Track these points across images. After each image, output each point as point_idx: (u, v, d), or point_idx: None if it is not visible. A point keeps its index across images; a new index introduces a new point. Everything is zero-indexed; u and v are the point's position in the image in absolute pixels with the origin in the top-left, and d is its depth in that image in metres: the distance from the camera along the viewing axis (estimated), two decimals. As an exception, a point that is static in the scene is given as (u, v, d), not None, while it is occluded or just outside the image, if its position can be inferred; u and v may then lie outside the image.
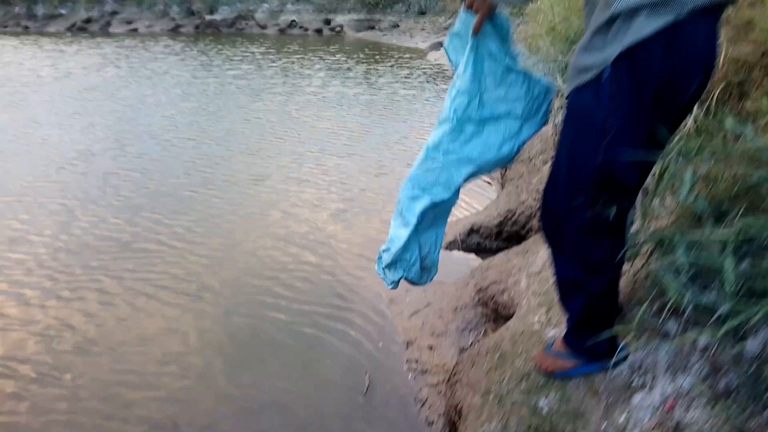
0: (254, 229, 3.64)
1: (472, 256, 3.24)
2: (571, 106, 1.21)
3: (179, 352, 2.32)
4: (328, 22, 16.75)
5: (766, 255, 1.09)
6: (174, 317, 2.57)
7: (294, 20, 16.89)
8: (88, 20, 17.96)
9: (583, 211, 1.22)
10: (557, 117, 2.88)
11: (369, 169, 4.85)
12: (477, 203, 3.81)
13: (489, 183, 4.25)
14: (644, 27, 1.05)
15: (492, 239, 3.26)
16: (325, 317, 2.56)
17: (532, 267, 2.19)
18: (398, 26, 15.48)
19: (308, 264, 3.11)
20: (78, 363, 2.25)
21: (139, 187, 4.29)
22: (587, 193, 1.20)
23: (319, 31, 16.59)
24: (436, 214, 1.54)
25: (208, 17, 17.62)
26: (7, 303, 2.68)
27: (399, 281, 1.61)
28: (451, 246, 3.26)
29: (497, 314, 2.21)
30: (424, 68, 10.08)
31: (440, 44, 12.52)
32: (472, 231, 3.31)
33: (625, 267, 1.54)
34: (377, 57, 11.71)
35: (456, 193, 1.50)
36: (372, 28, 15.97)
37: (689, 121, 1.76)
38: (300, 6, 17.21)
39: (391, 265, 1.60)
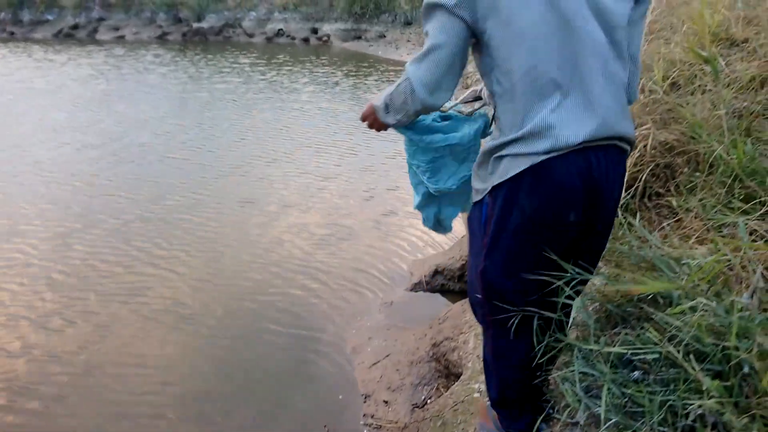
0: (240, 256, 3.84)
1: (438, 296, 3.40)
2: (469, 216, 1.45)
3: (147, 381, 2.46)
4: (315, 31, 16.85)
5: (652, 369, 1.25)
6: (147, 342, 2.71)
7: (281, 29, 16.98)
8: (75, 26, 17.93)
9: (479, 307, 1.44)
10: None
11: (355, 192, 5.04)
12: (445, 240, 3.96)
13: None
14: (508, 169, 1.24)
15: (455, 281, 3.42)
16: (290, 364, 2.71)
17: (479, 326, 2.34)
18: (385, 36, 15.62)
19: (284, 300, 3.30)
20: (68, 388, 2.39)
21: (129, 211, 4.50)
22: (480, 293, 1.39)
23: (306, 41, 16.70)
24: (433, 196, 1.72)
25: (195, 25, 17.66)
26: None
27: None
28: (416, 287, 3.41)
29: (449, 371, 2.36)
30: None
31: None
32: (437, 272, 3.46)
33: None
34: (364, 70, 11.83)
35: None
36: (359, 38, 16.09)
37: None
38: (287, 15, 17.30)
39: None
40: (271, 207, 4.67)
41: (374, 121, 1.49)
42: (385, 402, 2.35)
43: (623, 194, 2.02)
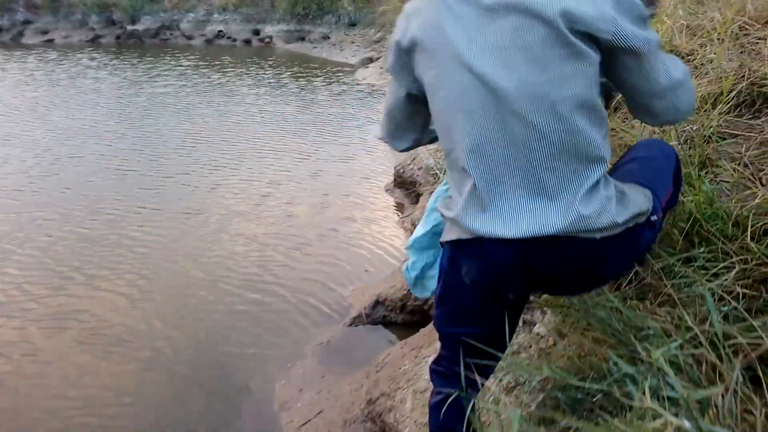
0: (181, 273, 3.58)
1: (380, 329, 3.13)
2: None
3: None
4: (257, 32, 16.30)
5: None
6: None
7: (221, 30, 16.35)
8: (-3, 30, 16.74)
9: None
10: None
11: (306, 200, 4.81)
12: (386, 266, 3.69)
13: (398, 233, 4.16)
14: (448, 232, 1.21)
15: (397, 312, 3.15)
16: (210, 425, 2.37)
17: (419, 381, 2.08)
18: (329, 38, 15.24)
19: (212, 346, 2.92)
20: None
21: (62, 228, 4.17)
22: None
23: (247, 42, 16.13)
24: None
25: (129, 27, 16.80)
26: None
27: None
28: (356, 321, 3.13)
29: (385, 434, 2.09)
30: (354, 86, 9.95)
31: (370, 59, 12.41)
32: (377, 303, 3.19)
33: None
34: (309, 72, 11.48)
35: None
36: (302, 39, 15.66)
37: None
38: (227, 16, 16.67)
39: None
40: (215, 217, 4.40)
41: None
42: (315, 473, 2.07)
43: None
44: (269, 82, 10.25)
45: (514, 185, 1.06)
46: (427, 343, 2.41)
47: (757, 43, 2.13)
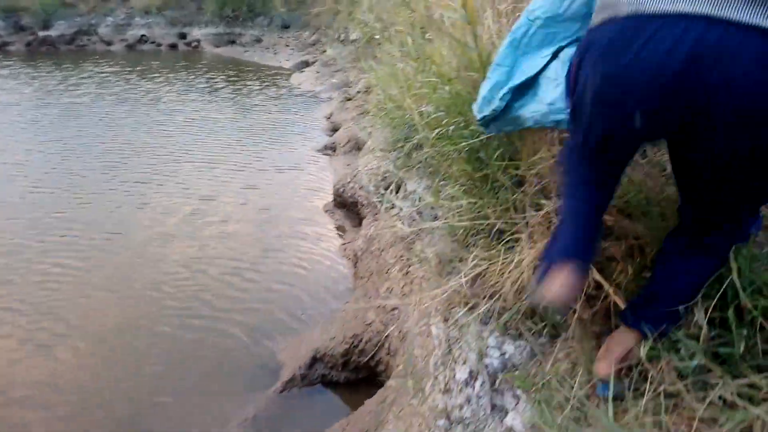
0: (96, 313, 3.12)
1: (317, 391, 2.65)
2: None
3: None
4: (183, 36, 15.35)
5: None
6: None
7: (144, 35, 15.29)
8: None
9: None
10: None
11: (244, 217, 4.42)
12: (324, 308, 3.21)
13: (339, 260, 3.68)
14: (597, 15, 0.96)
15: (339, 370, 2.69)
16: None
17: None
18: (261, 41, 14.55)
19: (124, 414, 2.36)
20: None
21: None
22: None
23: (173, 47, 15.16)
24: None
25: (41, 33, 15.45)
26: None
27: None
28: (289, 385, 2.63)
29: None
30: (291, 92, 9.40)
31: (305, 63, 11.83)
32: (315, 360, 2.71)
33: None
34: (241, 77, 10.82)
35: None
36: (233, 42, 14.88)
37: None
38: (150, 19, 15.61)
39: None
40: (138, 242, 3.94)
41: None
42: None
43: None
44: (199, 89, 9.60)
45: None
46: (374, 425, 1.96)
47: None
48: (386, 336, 2.48)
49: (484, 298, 1.51)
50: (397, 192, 2.81)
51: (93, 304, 3.20)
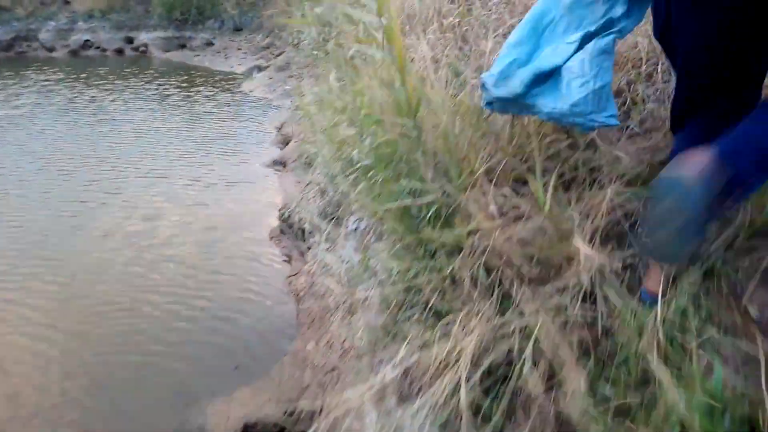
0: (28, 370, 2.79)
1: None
2: None
3: None
4: (130, 41, 14.77)
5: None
6: None
7: (88, 40, 14.64)
8: None
9: None
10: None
11: (190, 238, 4.22)
12: (264, 356, 2.95)
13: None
14: None
15: (276, 439, 2.50)
16: None
17: None
18: (212, 44, 14.13)
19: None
20: None
21: None
22: None
23: (120, 52, 14.56)
24: None
25: (-24, 39, 14.63)
26: None
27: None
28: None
29: None
30: (242, 99, 9.14)
31: (258, 68, 11.54)
32: (246, 429, 2.48)
33: None
34: (192, 83, 10.44)
35: None
36: (183, 46, 14.40)
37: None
38: (94, 23, 14.96)
39: None
40: (68, 271, 3.69)
41: None
42: None
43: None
44: (147, 97, 9.20)
45: None
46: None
47: None
48: (321, 410, 2.27)
49: (418, 393, 1.35)
50: (339, 226, 2.67)
51: (21, 342, 2.97)
